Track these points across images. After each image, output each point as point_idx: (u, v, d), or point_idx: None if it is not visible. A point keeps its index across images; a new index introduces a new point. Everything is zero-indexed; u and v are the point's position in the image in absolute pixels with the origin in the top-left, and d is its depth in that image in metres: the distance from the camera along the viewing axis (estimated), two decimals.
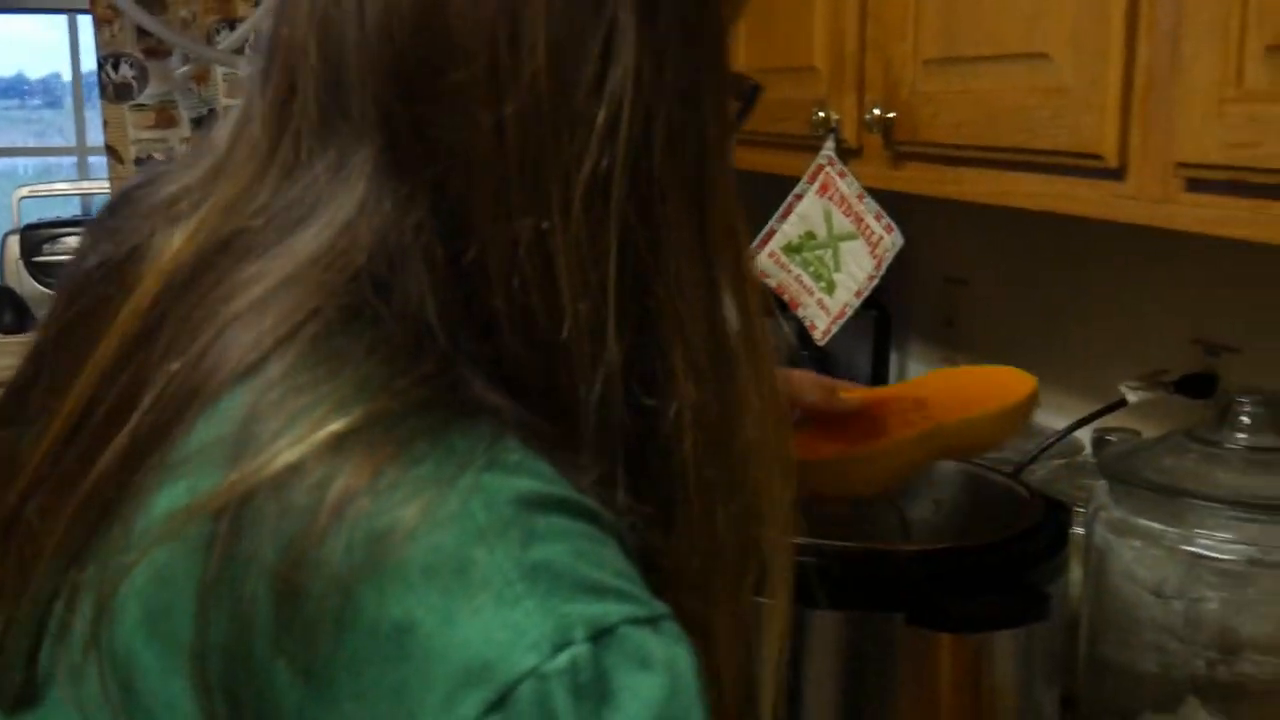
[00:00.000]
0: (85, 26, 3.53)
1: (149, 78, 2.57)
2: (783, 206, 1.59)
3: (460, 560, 0.43)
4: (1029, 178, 1.08)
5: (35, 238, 3.19)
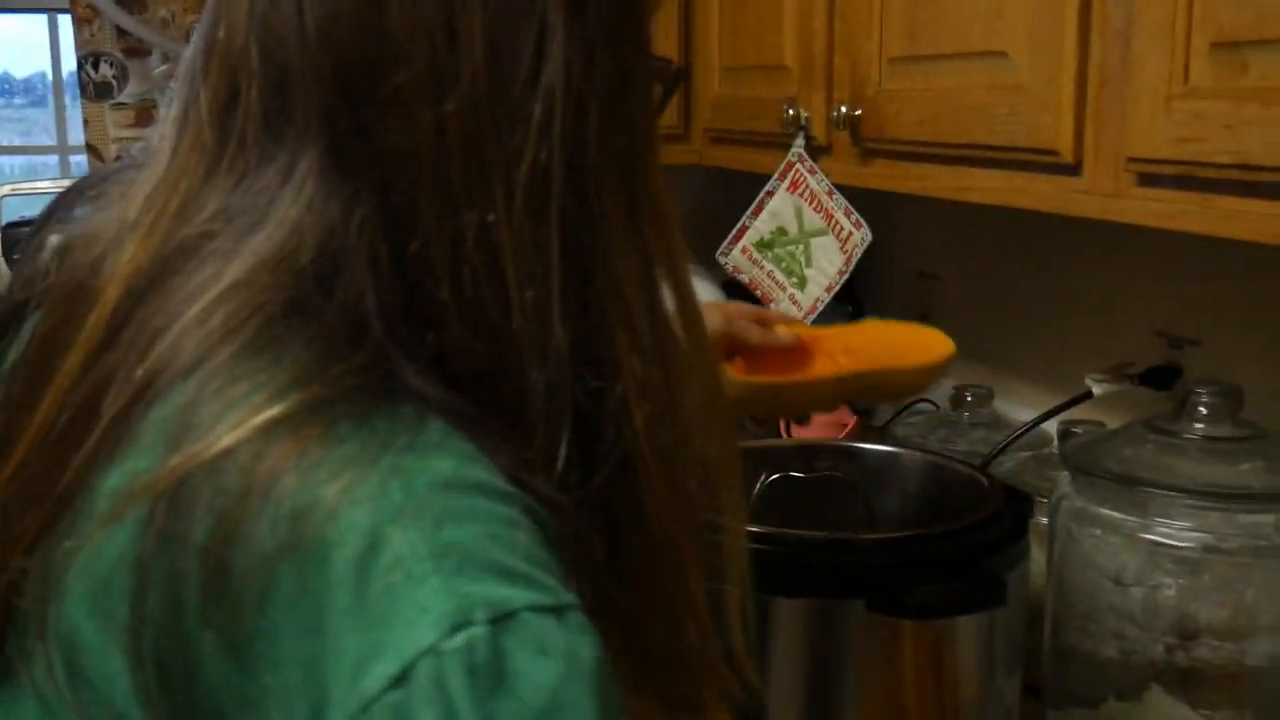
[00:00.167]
0: (66, 26, 3.52)
1: (129, 77, 2.57)
2: (755, 203, 1.60)
3: (375, 538, 0.44)
4: (988, 173, 1.10)
5: (17, 235, 3.20)
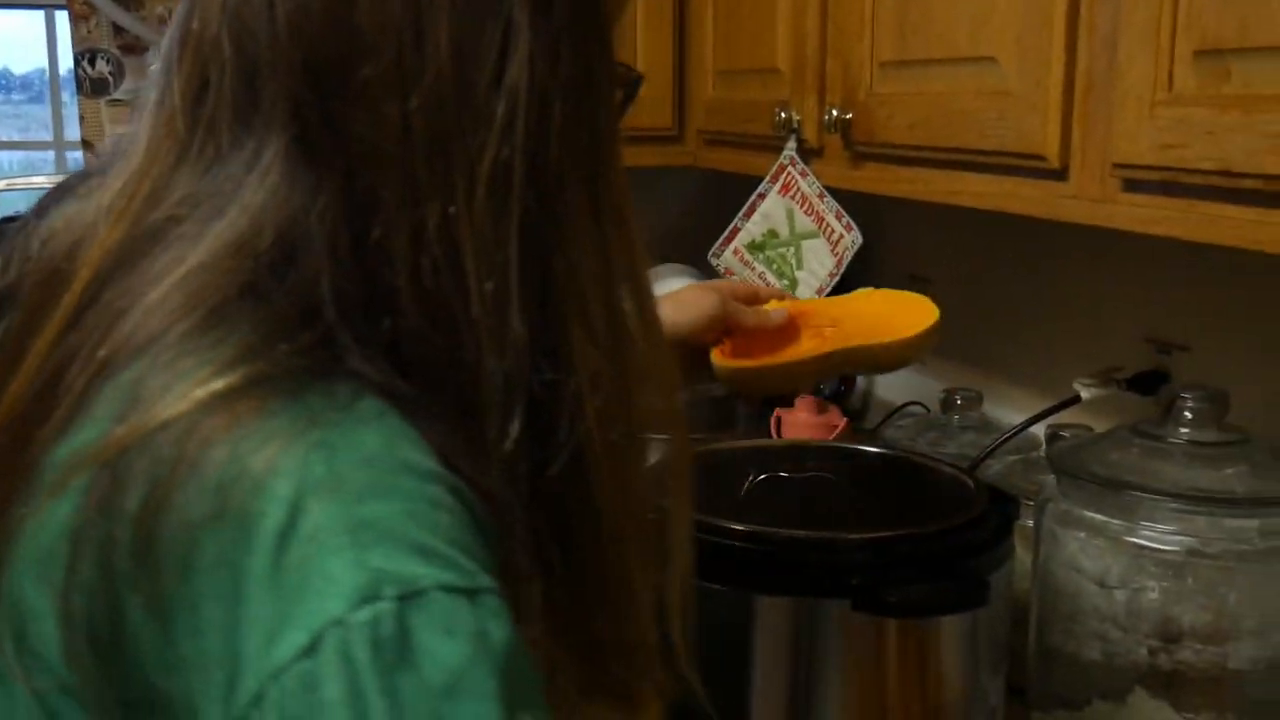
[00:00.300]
0: (63, 22, 3.53)
1: (125, 73, 2.57)
2: (746, 205, 1.61)
3: (295, 509, 0.45)
4: (977, 178, 1.11)
5: (11, 230, 3.20)
